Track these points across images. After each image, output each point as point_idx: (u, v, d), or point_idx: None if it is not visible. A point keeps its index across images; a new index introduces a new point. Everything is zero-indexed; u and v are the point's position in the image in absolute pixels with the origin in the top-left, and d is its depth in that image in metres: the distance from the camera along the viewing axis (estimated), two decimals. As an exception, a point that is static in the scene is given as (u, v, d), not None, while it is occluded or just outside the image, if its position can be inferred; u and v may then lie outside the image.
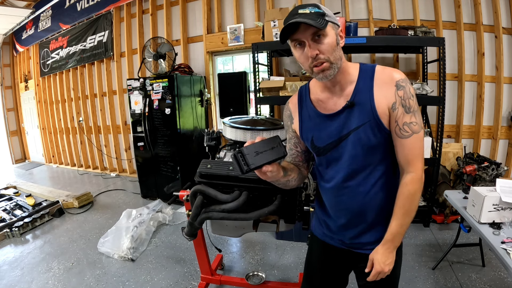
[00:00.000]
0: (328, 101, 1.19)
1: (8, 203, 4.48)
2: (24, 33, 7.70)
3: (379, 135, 1.12)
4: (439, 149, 3.35)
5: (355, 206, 1.22)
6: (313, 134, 1.23)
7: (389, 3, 4.06)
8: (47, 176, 6.98)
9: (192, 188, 1.68)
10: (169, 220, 3.83)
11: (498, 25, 3.76)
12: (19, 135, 8.82)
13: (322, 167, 1.29)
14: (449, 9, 3.93)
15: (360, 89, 1.13)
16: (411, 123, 1.10)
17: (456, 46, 3.94)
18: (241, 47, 4.65)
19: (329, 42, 1.04)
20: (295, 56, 1.13)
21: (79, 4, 6.16)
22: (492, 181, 3.13)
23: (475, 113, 4.03)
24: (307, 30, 1.02)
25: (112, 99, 6.15)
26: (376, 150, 1.15)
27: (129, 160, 6.09)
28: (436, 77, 3.60)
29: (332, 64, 1.06)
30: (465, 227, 2.39)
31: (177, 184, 4.38)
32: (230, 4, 4.78)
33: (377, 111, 1.10)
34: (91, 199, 4.73)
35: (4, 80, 8.42)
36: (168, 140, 4.37)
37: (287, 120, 1.36)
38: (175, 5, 5.18)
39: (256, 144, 1.01)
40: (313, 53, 1.04)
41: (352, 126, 1.12)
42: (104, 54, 5.98)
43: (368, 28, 4.13)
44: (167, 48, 4.38)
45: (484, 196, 1.92)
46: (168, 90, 4.21)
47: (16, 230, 3.70)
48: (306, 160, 1.40)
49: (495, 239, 1.78)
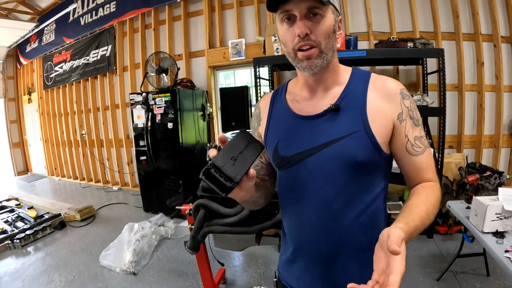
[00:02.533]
0: (306, 102, 0.96)
1: (10, 215, 4.50)
2: (28, 46, 7.82)
3: (368, 151, 0.86)
4: (441, 160, 3.34)
5: (323, 248, 0.93)
6: (279, 140, 0.97)
7: (388, 16, 4.12)
8: (49, 188, 6.99)
9: (194, 202, 1.70)
10: (171, 234, 3.83)
11: (497, 34, 3.80)
12: (21, 147, 8.87)
13: (282, 189, 1.01)
14: (447, 20, 3.98)
15: (351, 92, 0.91)
16: (422, 137, 0.91)
17: (456, 57, 3.97)
18: (243, 61, 4.70)
19: (326, 24, 0.83)
20: (278, 33, 0.91)
21: (82, 18, 6.28)
22: (495, 190, 3.09)
23: (476, 123, 4.05)
24: (303, 2, 0.80)
25: (114, 113, 6.19)
26: (362, 171, 0.88)
27: (132, 173, 6.10)
28: (437, 88, 3.60)
29: (322, 53, 0.85)
30: (468, 237, 2.40)
31: (180, 198, 4.39)
32: (231, 19, 4.85)
33: (369, 121, 0.87)
34: (93, 212, 4.73)
35: (7, 92, 8.52)
36: (171, 154, 4.40)
37: (255, 121, 1.10)
38: (177, 20, 5.26)
39: (226, 150, 0.75)
40: (303, 30, 0.81)
41: (334, 136, 0.87)
42: (107, 68, 6.04)
43: (368, 41, 4.17)
44: (170, 62, 4.43)
45: (487, 205, 1.92)
46: (170, 104, 4.26)
47: (17, 242, 3.71)
48: (273, 175, 1.10)
49: (498, 248, 1.77)
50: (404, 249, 0.64)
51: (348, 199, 0.89)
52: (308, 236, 0.94)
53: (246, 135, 0.79)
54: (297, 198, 0.95)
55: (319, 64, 0.86)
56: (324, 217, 0.90)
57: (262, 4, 4.62)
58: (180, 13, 5.17)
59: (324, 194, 0.89)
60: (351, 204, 0.89)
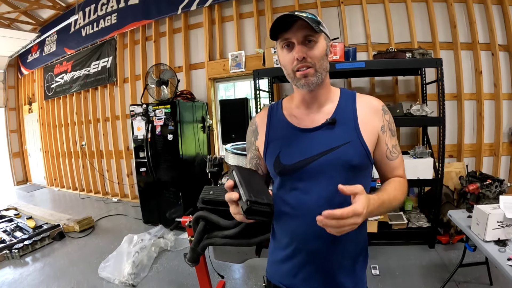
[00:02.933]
0: (304, 117, 1.11)
1: (9, 225, 4.49)
2: (30, 56, 7.89)
3: (361, 156, 1.04)
4: (441, 170, 3.35)
5: (324, 238, 1.05)
6: (280, 150, 1.10)
7: (386, 27, 4.17)
8: (49, 199, 6.98)
9: (194, 214, 1.71)
10: (171, 246, 3.81)
11: (494, 42, 3.86)
12: (21, 157, 8.88)
13: (283, 190, 1.12)
14: (445, 30, 4.04)
15: (342, 108, 1.09)
16: (396, 145, 1.13)
17: (454, 66, 4.03)
18: (243, 73, 4.73)
19: (319, 48, 1.01)
20: (279, 58, 1.07)
21: (84, 29, 6.34)
22: (496, 198, 3.11)
23: (475, 131, 4.08)
24: (299, 31, 0.98)
25: (115, 124, 6.21)
26: (356, 173, 1.05)
27: (131, 185, 6.08)
28: (436, 97, 3.65)
29: (317, 72, 1.02)
30: (470, 246, 2.38)
31: (179, 209, 4.37)
32: (231, 31, 4.89)
33: (361, 132, 1.05)
34: (92, 223, 4.71)
35: (8, 102, 8.56)
36: (170, 165, 4.40)
37: (251, 136, 1.24)
38: (177, 32, 5.31)
39: (244, 185, 0.89)
40: (301, 54, 0.98)
41: (333, 145, 1.03)
42: (108, 79, 6.08)
43: (366, 52, 4.22)
44: (170, 74, 4.47)
45: (488, 214, 1.92)
46: (170, 116, 4.27)
47: (16, 252, 3.70)
48: (267, 185, 1.24)
49: (501, 257, 1.78)
50: (363, 201, 0.84)
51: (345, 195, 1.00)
52: (312, 228, 1.01)
53: (241, 168, 0.94)
54: (300, 198, 1.07)
55: (314, 82, 1.03)
56: (326, 210, 0.97)
57: (261, 16, 4.68)
58: (180, 25, 5.23)
59: (326, 192, 1.02)
60: (347, 199, 0.96)
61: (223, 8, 4.95)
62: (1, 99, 8.39)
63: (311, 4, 4.44)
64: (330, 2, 4.39)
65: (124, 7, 5.64)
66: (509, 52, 3.93)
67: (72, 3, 6.34)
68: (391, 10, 4.14)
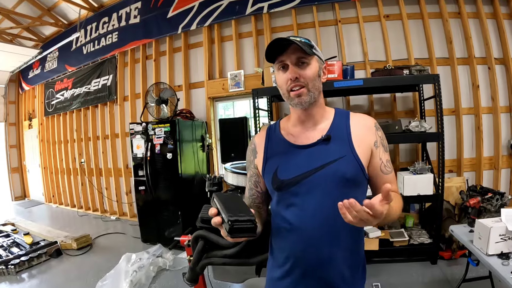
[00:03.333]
0: (300, 135, 1.16)
1: (6, 240, 4.44)
2: (31, 72, 7.97)
3: (356, 170, 1.08)
4: (441, 185, 3.33)
5: (322, 251, 1.08)
6: (278, 165, 1.14)
7: (383, 45, 4.23)
8: (46, 215, 6.94)
9: (193, 233, 1.70)
10: (170, 266, 3.77)
11: (490, 56, 3.91)
12: (20, 172, 8.88)
13: (281, 205, 1.15)
14: (441, 46, 4.09)
15: (337, 126, 1.14)
16: (389, 161, 1.16)
17: (451, 81, 4.06)
18: (242, 92, 4.75)
19: (312, 70, 1.07)
20: (276, 79, 1.14)
21: (85, 47, 6.42)
22: (498, 211, 3.07)
23: (474, 145, 4.08)
24: (293, 54, 1.06)
25: (114, 142, 6.21)
26: (350, 187, 1.07)
27: (130, 203, 6.03)
28: (434, 113, 3.64)
29: (309, 92, 1.08)
30: (473, 261, 2.37)
31: (178, 229, 4.34)
32: (230, 51, 4.95)
33: (354, 147, 1.09)
34: (90, 241, 4.67)
35: (8, 117, 8.61)
36: (170, 184, 4.38)
37: (250, 155, 1.29)
38: (177, 52, 5.37)
39: (224, 207, 0.90)
40: (293, 75, 1.06)
41: (328, 160, 1.07)
42: (108, 97, 6.11)
43: (364, 70, 4.25)
44: (170, 93, 4.49)
45: (490, 227, 1.91)
46: (170, 135, 4.28)
47: (12, 268, 3.66)
48: (266, 203, 1.30)
49: (504, 270, 1.77)
50: (383, 209, 0.81)
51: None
52: (309, 243, 1.08)
53: (220, 194, 0.96)
54: (297, 213, 1.10)
55: (307, 101, 1.09)
56: (323, 223, 1.07)
57: (260, 36, 4.74)
58: (180, 44, 5.29)
59: (322, 205, 1.06)
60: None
61: (223, 28, 5.02)
62: (1, 114, 8.44)
63: (309, 23, 4.51)
64: (327, 21, 4.46)
65: (125, 26, 5.73)
66: (505, 65, 3.98)
67: (74, 20, 6.45)
68: (387, 28, 4.20)
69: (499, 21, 3.96)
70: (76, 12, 6.02)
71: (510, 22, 3.97)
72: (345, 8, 4.37)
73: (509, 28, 3.96)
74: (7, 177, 8.65)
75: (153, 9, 5.38)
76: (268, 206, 1.31)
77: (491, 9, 4.03)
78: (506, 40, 3.92)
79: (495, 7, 3.97)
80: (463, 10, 4.00)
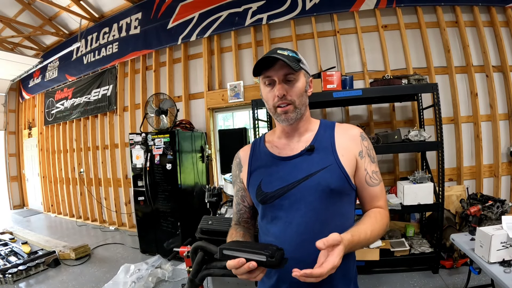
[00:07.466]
0: (284, 147, 1.15)
1: (3, 249, 4.44)
2: (31, 81, 8.01)
3: (340, 180, 1.06)
4: (441, 194, 3.32)
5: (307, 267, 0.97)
6: (262, 178, 1.13)
7: (382, 55, 4.26)
8: (45, 224, 6.91)
9: (192, 244, 1.70)
10: (169, 277, 3.74)
11: (488, 64, 3.95)
12: (19, 181, 8.88)
13: (266, 220, 1.14)
14: (439, 55, 4.13)
15: (321, 136, 1.14)
16: (377, 172, 1.14)
17: (450, 90, 4.08)
18: (241, 103, 4.77)
19: (299, 86, 1.07)
20: (262, 93, 1.14)
21: (85, 57, 6.46)
22: (498, 219, 3.09)
23: (474, 153, 4.09)
24: (281, 70, 1.05)
25: (113, 152, 6.20)
26: (336, 198, 1.06)
27: (129, 214, 6.00)
28: (433, 122, 3.66)
29: (296, 109, 1.08)
30: (475, 269, 2.36)
31: (178, 239, 4.31)
32: (230, 62, 4.98)
33: (339, 156, 1.08)
34: (88, 251, 4.65)
35: (8, 125, 8.65)
36: (169, 195, 4.37)
37: (236, 169, 1.29)
38: (177, 62, 5.40)
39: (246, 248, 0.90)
40: (281, 92, 1.05)
41: (312, 170, 1.06)
42: (108, 107, 6.13)
43: (363, 80, 4.28)
44: (169, 104, 4.51)
45: (491, 235, 1.91)
46: (169, 145, 4.29)
47: (9, 277, 3.65)
48: (254, 218, 1.29)
49: (506, 277, 1.76)
50: (340, 251, 0.84)
51: (325, 220, 1.04)
52: (292, 258, 0.99)
53: (224, 246, 0.95)
54: (280, 226, 1.08)
55: (294, 117, 1.09)
56: (306, 238, 1.02)
57: (259, 47, 4.78)
58: (180, 55, 5.33)
59: (306, 219, 1.03)
60: (328, 225, 1.03)
61: (222, 39, 5.06)
62: (1, 122, 8.47)
63: (308, 34, 4.55)
64: (326, 32, 4.50)
65: (125, 36, 5.78)
66: (503, 72, 4.01)
67: (75, 30, 6.51)
68: (385, 38, 4.24)
69: (496, 29, 4.01)
70: (77, 22, 6.06)
71: (507, 30, 4.03)
72: (344, 19, 4.41)
73: (506, 35, 4.01)
74: (6, 186, 8.64)
75: (153, 20, 5.43)
76: (255, 220, 1.30)
77: (488, 17, 4.08)
78: (504, 48, 3.97)
79: (492, 15, 4.02)
80: (460, 19, 4.04)
